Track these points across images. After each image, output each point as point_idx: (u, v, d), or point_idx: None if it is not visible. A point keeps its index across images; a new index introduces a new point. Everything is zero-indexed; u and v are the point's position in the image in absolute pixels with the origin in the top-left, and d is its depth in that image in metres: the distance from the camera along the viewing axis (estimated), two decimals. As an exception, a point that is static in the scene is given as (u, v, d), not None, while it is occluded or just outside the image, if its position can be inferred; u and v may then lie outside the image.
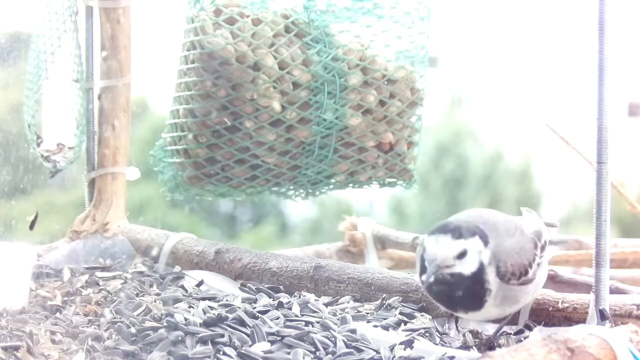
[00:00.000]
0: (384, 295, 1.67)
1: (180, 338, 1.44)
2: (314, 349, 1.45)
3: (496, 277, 1.48)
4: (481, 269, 1.48)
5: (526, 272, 1.50)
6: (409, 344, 1.47)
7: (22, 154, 1.99)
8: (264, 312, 1.57)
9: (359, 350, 1.45)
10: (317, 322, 1.54)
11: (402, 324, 1.59)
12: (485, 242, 1.48)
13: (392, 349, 1.45)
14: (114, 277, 1.79)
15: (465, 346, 1.53)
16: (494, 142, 7.43)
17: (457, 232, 1.47)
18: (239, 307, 1.58)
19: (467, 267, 1.47)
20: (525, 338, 1.51)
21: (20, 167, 2.01)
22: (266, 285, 1.75)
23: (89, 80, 2.00)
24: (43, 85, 1.95)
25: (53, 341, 1.47)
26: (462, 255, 1.47)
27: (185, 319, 1.50)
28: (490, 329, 1.58)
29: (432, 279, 1.47)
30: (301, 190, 2.02)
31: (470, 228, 1.48)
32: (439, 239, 1.47)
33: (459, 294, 1.49)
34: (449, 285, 1.48)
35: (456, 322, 1.61)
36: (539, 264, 1.53)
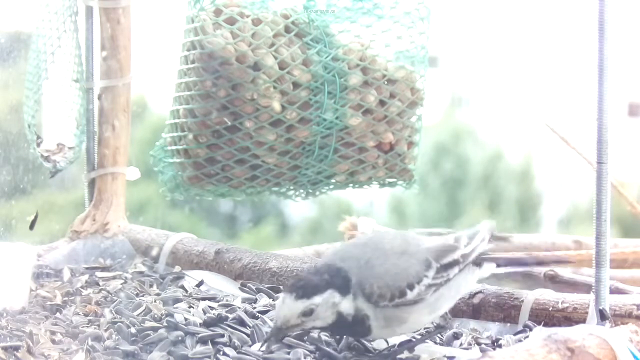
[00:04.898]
0: (384, 295, 1.67)
1: (180, 338, 1.44)
2: (314, 349, 1.45)
3: (366, 302, 1.39)
4: (342, 316, 1.39)
5: (403, 294, 1.40)
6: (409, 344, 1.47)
7: (22, 154, 1.99)
8: (264, 312, 1.57)
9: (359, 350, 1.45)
10: (317, 322, 1.54)
11: (402, 324, 1.58)
12: (345, 291, 1.38)
13: (392, 349, 1.45)
14: (114, 277, 1.79)
15: (465, 346, 1.53)
16: (494, 142, 7.43)
17: (300, 291, 1.38)
18: (239, 307, 1.58)
19: (320, 322, 1.39)
20: (525, 338, 1.51)
21: (20, 167, 2.00)
22: (266, 285, 1.75)
23: (89, 80, 2.00)
24: (43, 85, 1.95)
25: (53, 341, 1.46)
26: (308, 313, 1.38)
27: (185, 319, 1.50)
28: (490, 327, 1.58)
29: (264, 347, 1.42)
30: (301, 190, 2.02)
31: (322, 282, 1.38)
32: (285, 299, 1.38)
33: (339, 331, 1.43)
34: (325, 329, 1.41)
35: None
36: (431, 285, 1.43)
